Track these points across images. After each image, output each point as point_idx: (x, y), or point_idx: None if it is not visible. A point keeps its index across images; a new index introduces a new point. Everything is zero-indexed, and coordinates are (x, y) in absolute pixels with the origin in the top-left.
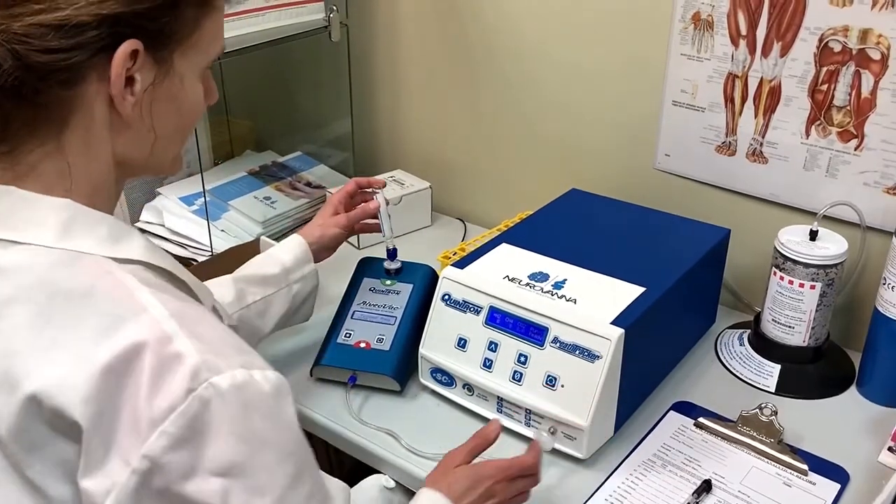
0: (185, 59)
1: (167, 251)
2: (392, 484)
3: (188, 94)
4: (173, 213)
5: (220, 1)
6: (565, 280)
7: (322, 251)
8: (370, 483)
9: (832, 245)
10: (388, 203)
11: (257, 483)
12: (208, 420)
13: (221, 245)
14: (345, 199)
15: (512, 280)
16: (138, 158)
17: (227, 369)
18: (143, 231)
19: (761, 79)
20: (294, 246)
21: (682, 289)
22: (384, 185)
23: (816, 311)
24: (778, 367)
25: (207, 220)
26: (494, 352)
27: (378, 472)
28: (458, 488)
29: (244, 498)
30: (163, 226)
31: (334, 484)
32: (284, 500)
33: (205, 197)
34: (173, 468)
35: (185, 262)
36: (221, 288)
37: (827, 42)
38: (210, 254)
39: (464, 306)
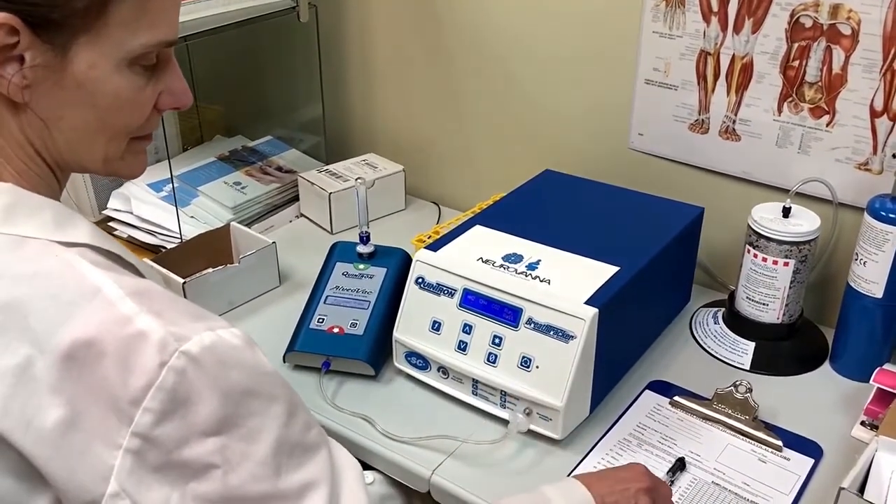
0: (93, 46)
1: (137, 239)
2: (370, 479)
3: (104, 86)
4: (142, 199)
5: None
6: (539, 261)
7: None
8: None
9: (805, 222)
10: (366, 191)
11: (250, 429)
12: (188, 387)
13: (191, 231)
14: None
15: (486, 262)
16: (46, 148)
17: (193, 334)
18: (110, 219)
19: (733, 56)
20: None
21: (656, 268)
22: None
23: (790, 287)
24: (752, 344)
25: (176, 206)
26: (469, 334)
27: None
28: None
29: (242, 447)
30: (131, 213)
31: (348, 459)
32: (282, 438)
33: (172, 183)
34: (165, 440)
35: (155, 249)
36: None
37: (798, 17)
38: (179, 240)
39: (437, 289)
